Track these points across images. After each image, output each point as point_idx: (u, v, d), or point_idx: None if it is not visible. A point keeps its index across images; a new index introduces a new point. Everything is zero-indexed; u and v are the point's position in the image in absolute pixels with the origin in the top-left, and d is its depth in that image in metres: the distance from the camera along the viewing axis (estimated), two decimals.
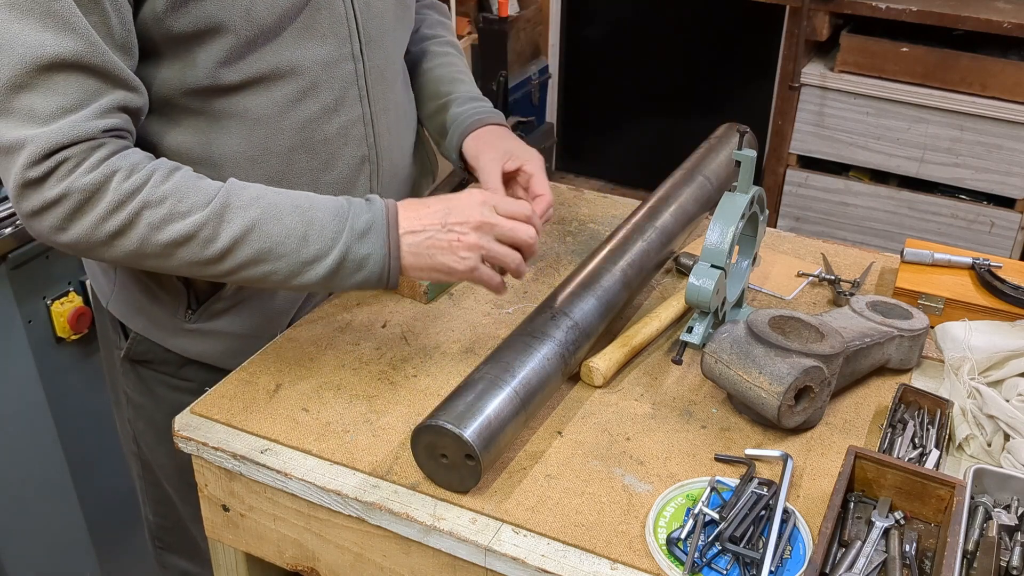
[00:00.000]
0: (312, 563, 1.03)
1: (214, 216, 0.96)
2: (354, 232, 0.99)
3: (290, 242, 0.98)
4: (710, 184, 1.32)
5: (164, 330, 1.21)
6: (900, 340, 1.09)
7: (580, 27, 3.79)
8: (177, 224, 0.95)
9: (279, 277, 0.99)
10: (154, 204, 0.95)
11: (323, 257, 0.99)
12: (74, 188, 0.93)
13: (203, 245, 0.96)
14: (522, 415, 0.97)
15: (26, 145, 0.91)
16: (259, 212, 0.98)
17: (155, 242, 0.96)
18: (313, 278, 1.00)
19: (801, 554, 0.86)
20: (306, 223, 0.99)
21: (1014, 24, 2.51)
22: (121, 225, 0.94)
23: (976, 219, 2.76)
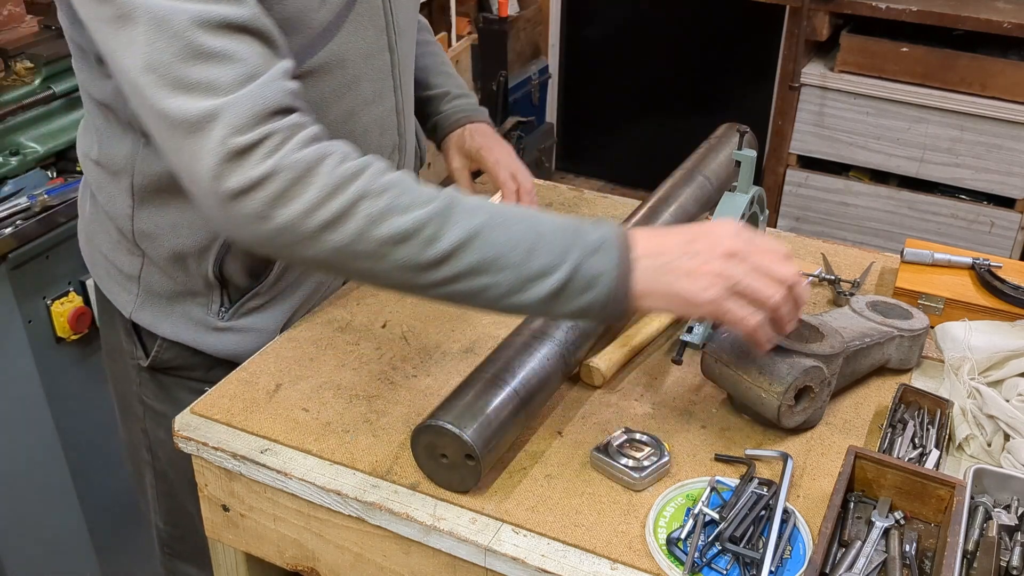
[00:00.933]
0: (312, 563, 1.03)
1: (438, 215, 0.85)
2: (586, 247, 0.86)
3: (516, 253, 0.86)
4: (710, 184, 1.32)
5: (196, 330, 1.19)
6: (900, 340, 1.09)
7: (580, 27, 3.79)
8: (398, 218, 0.84)
9: (496, 293, 0.87)
10: (374, 194, 0.84)
11: (550, 272, 0.86)
12: (284, 165, 0.82)
13: (424, 245, 0.85)
14: (522, 415, 0.97)
15: (221, 114, 0.82)
16: (485, 218, 0.87)
17: (372, 237, 0.84)
18: (534, 297, 0.87)
19: (801, 554, 0.86)
20: (535, 234, 0.87)
21: (1014, 24, 2.51)
22: (336, 214, 0.83)
23: (976, 219, 2.76)
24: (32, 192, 1.68)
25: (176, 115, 0.83)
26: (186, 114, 0.83)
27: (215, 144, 0.82)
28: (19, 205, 1.65)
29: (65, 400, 1.79)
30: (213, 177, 0.83)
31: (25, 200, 1.66)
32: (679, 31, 3.65)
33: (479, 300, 0.89)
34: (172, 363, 1.23)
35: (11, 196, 1.66)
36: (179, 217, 1.11)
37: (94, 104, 1.10)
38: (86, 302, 1.77)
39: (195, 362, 1.22)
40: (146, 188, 1.10)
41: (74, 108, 1.85)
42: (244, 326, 1.19)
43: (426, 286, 0.88)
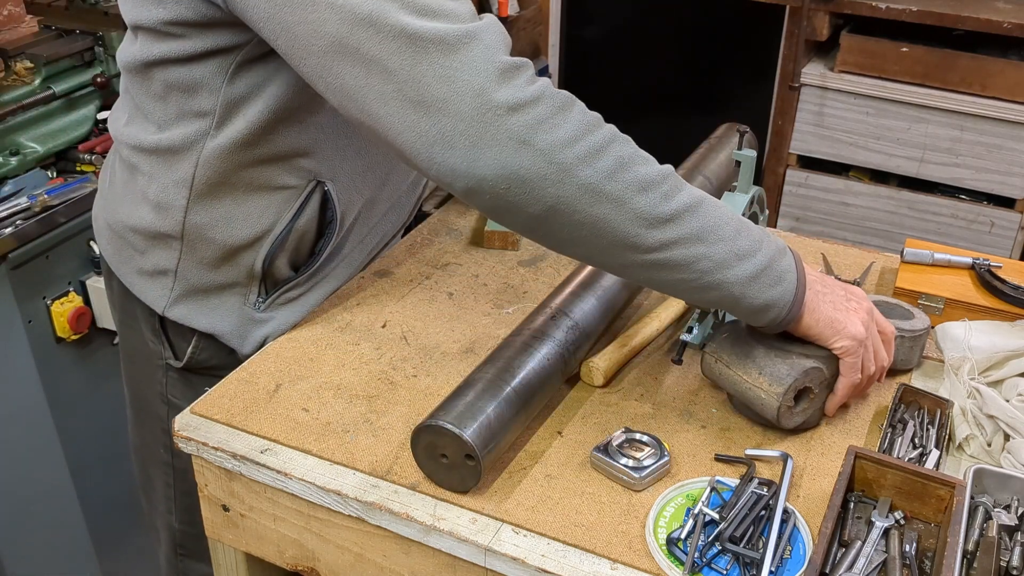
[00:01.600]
0: (312, 563, 1.03)
1: (672, 175, 0.90)
2: (775, 245, 0.95)
3: (728, 229, 0.91)
4: (710, 184, 1.32)
5: (231, 322, 1.18)
6: (901, 340, 1.09)
7: (580, 27, 3.79)
8: (644, 167, 0.88)
9: (709, 264, 0.90)
10: (622, 140, 0.88)
11: (753, 254, 0.92)
12: (549, 93, 0.84)
13: (663, 198, 0.87)
14: (522, 415, 0.97)
15: (479, 35, 0.83)
16: (702, 193, 0.92)
17: (621, 179, 0.85)
18: (740, 274, 0.91)
19: (801, 554, 0.86)
20: (738, 219, 0.93)
21: (1014, 24, 2.51)
22: (593, 148, 0.85)
23: (976, 219, 2.75)
24: (32, 192, 1.68)
25: (431, 34, 0.82)
26: (443, 33, 0.82)
27: (481, 61, 0.81)
28: (19, 205, 1.65)
29: (65, 400, 1.79)
30: (479, 92, 0.81)
31: (25, 200, 1.66)
32: (679, 31, 3.65)
33: (686, 273, 0.90)
34: (209, 362, 1.23)
35: (11, 196, 1.66)
36: (234, 209, 1.11)
37: (164, 87, 1.07)
38: (86, 302, 1.77)
39: (231, 360, 1.21)
40: (207, 179, 1.09)
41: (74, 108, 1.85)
42: (278, 317, 1.19)
43: (647, 247, 0.88)
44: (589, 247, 0.90)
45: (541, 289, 1.27)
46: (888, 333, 1.03)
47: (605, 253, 0.90)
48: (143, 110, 1.11)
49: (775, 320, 0.95)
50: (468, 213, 1.49)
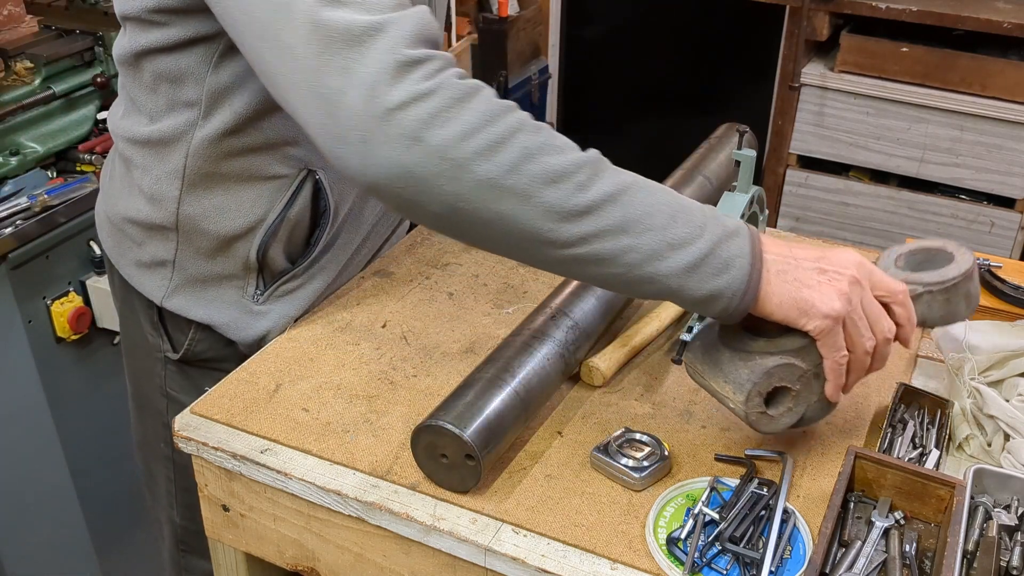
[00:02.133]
0: (312, 563, 1.03)
1: (590, 163, 0.83)
2: (723, 228, 0.85)
3: (659, 217, 0.83)
4: (710, 184, 1.32)
5: (229, 314, 1.19)
6: (930, 297, 0.92)
7: (580, 27, 3.79)
8: (553, 157, 0.81)
9: (636, 257, 0.83)
10: (530, 129, 0.81)
11: (690, 243, 0.83)
12: (447, 84, 0.79)
13: (575, 190, 0.81)
14: (522, 415, 0.97)
15: (387, 27, 0.79)
16: (631, 178, 0.85)
17: (525, 171, 0.80)
18: (674, 266, 0.83)
19: (801, 554, 0.86)
20: (677, 203, 0.85)
21: (1014, 24, 2.51)
22: (493, 141, 0.79)
23: (976, 219, 2.76)
24: (32, 192, 1.68)
25: (337, 24, 0.79)
26: (349, 24, 0.79)
27: (381, 54, 0.78)
28: (19, 205, 1.65)
29: (65, 400, 1.79)
30: (372, 87, 0.78)
31: (25, 200, 1.66)
32: (679, 31, 3.65)
33: (614, 266, 0.84)
34: (205, 354, 1.23)
35: (11, 196, 1.66)
36: (227, 199, 1.12)
37: (153, 78, 1.08)
38: (86, 302, 1.77)
39: (228, 353, 1.22)
40: (198, 170, 1.10)
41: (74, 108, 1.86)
42: (276, 310, 1.20)
43: (563, 242, 0.82)
44: (502, 244, 0.86)
45: (541, 289, 1.27)
46: (894, 294, 0.89)
47: (520, 250, 0.86)
48: (136, 103, 1.13)
49: (726, 310, 0.86)
50: None
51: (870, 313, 0.88)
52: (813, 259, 0.87)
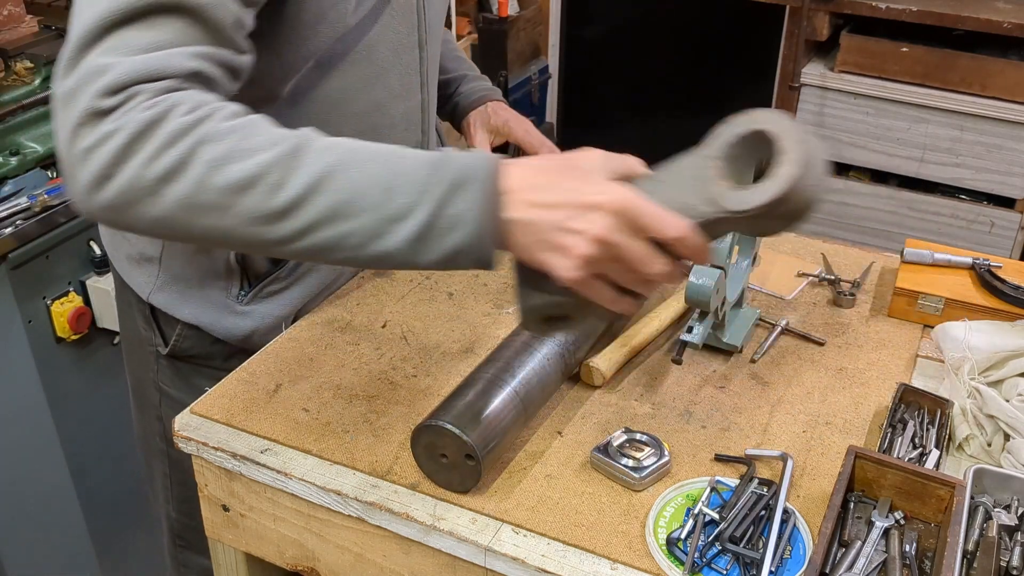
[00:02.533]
0: (312, 563, 1.03)
1: (284, 157, 0.79)
2: (448, 184, 0.79)
3: (372, 193, 0.79)
4: None
5: (213, 314, 1.20)
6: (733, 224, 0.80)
7: (580, 27, 3.79)
8: (240, 163, 0.78)
9: (356, 240, 0.80)
10: (214, 139, 0.79)
11: (411, 212, 0.79)
12: (124, 124, 0.78)
13: (269, 192, 0.78)
14: (522, 415, 0.97)
15: (107, 72, 0.79)
16: (337, 157, 0.80)
17: (212, 186, 0.78)
18: (399, 240, 0.79)
19: (801, 554, 0.86)
20: (392, 171, 0.80)
21: (1014, 24, 2.51)
22: (175, 162, 0.78)
23: (976, 219, 2.75)
24: (32, 192, 1.68)
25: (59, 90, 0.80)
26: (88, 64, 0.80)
27: (87, 98, 0.79)
28: (19, 205, 1.65)
29: (65, 400, 1.79)
30: (72, 134, 0.79)
31: (25, 200, 1.66)
32: (679, 31, 3.65)
33: (339, 253, 0.81)
34: (191, 351, 1.24)
35: (11, 196, 1.66)
36: None
37: None
38: (86, 302, 1.77)
39: (214, 350, 1.23)
40: None
41: None
42: (261, 311, 1.20)
43: (282, 241, 0.80)
44: (229, 246, 0.88)
45: None
46: (667, 237, 0.79)
47: (250, 249, 0.86)
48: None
49: (477, 263, 0.81)
50: None
51: (631, 261, 0.79)
52: (562, 216, 0.79)
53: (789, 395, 1.08)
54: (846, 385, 1.10)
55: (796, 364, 1.14)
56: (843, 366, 1.14)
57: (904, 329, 1.21)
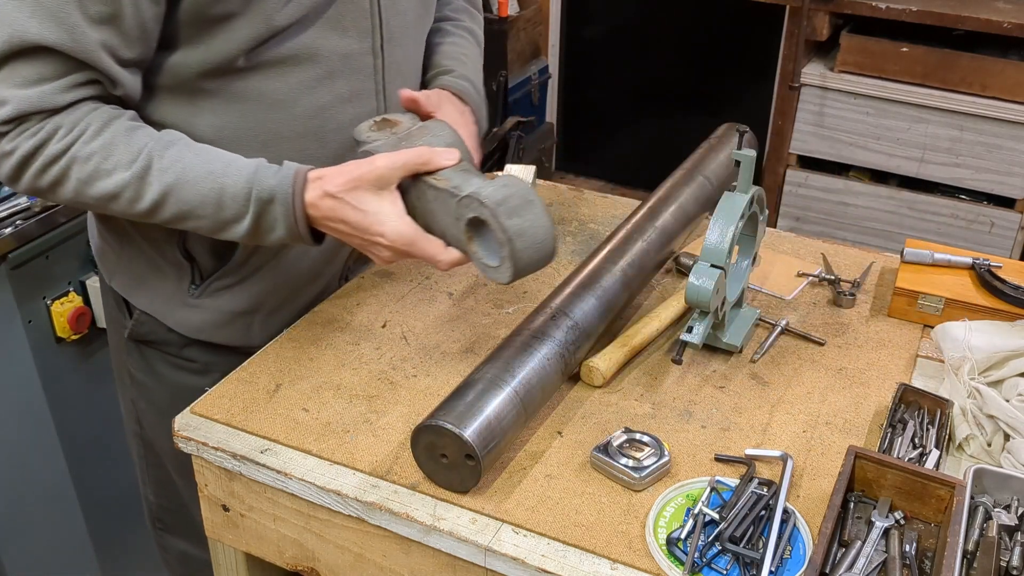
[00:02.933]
0: (312, 563, 1.03)
1: (135, 179, 1.02)
2: (260, 200, 1.03)
3: (207, 206, 1.03)
4: (710, 184, 1.32)
5: (167, 305, 1.23)
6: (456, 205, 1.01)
7: (580, 27, 3.79)
8: (103, 182, 1.02)
9: (206, 231, 1.06)
10: (82, 161, 1.02)
11: (240, 219, 1.04)
12: (17, 147, 1.01)
13: (130, 203, 1.03)
14: (522, 415, 0.97)
15: (6, 103, 0.99)
16: (175, 177, 1.03)
17: (88, 195, 1.03)
18: (238, 234, 1.05)
19: (801, 554, 0.86)
20: (218, 190, 1.03)
21: (1014, 24, 2.51)
22: (55, 179, 1.03)
23: (976, 219, 2.75)
24: None
25: None
26: None
27: None
28: (19, 205, 1.65)
29: (65, 400, 1.79)
30: None
31: (25, 200, 1.66)
32: (679, 31, 3.65)
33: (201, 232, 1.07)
34: (149, 336, 1.27)
35: (11, 196, 1.66)
36: None
37: None
38: (86, 302, 1.77)
39: (169, 338, 1.26)
40: None
41: None
42: (212, 305, 1.22)
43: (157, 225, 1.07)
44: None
45: (541, 289, 1.27)
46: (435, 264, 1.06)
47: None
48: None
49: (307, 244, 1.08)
50: None
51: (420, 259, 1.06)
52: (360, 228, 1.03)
53: (789, 395, 1.08)
54: (846, 385, 1.10)
55: (796, 364, 1.14)
56: (843, 366, 1.14)
57: (904, 329, 1.21)
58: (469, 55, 1.38)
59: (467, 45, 1.39)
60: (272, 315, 1.26)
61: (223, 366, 1.23)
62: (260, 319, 1.25)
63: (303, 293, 1.27)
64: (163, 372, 1.29)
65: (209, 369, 1.26)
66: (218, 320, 1.24)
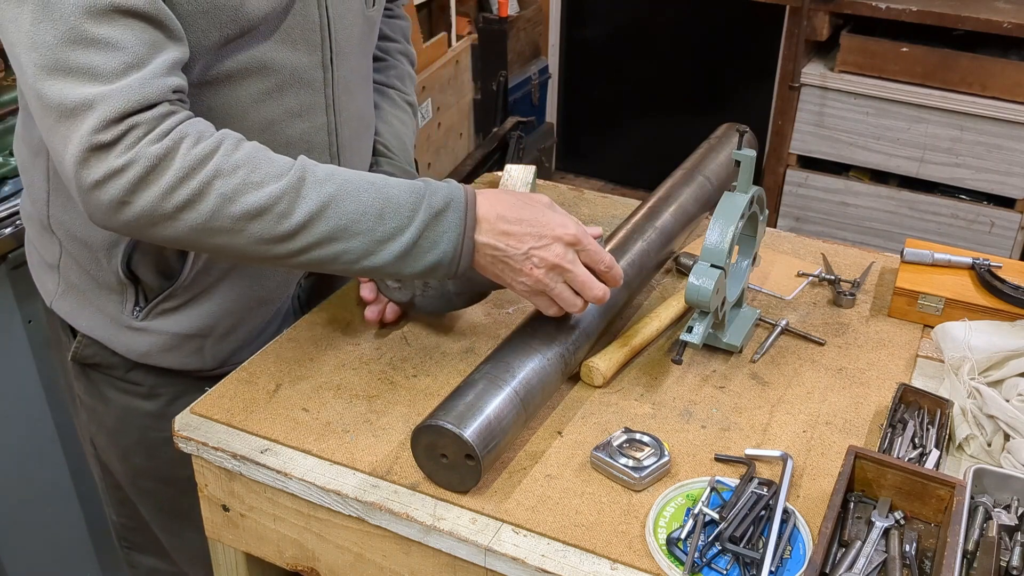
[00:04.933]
0: (312, 563, 1.03)
1: (291, 189, 0.91)
2: (434, 209, 0.95)
3: (367, 219, 0.94)
4: (710, 184, 1.32)
5: (109, 328, 1.16)
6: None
7: (580, 27, 3.79)
8: (251, 195, 0.90)
9: (351, 257, 0.95)
10: (226, 173, 0.89)
11: (399, 234, 0.95)
12: (141, 155, 0.86)
13: (278, 219, 0.91)
14: (522, 415, 0.97)
15: (95, 106, 0.84)
16: (335, 187, 0.93)
17: (227, 214, 0.90)
18: (387, 257, 0.95)
19: (801, 554, 0.86)
20: (383, 199, 0.94)
21: (1014, 24, 2.51)
22: (192, 195, 0.88)
23: (976, 219, 2.76)
24: None
25: (53, 99, 0.85)
26: (63, 99, 0.85)
27: (84, 134, 0.85)
28: (19, 205, 1.65)
29: (65, 400, 1.79)
30: (77, 164, 0.87)
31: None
32: (679, 31, 3.65)
33: (335, 265, 0.95)
34: (94, 359, 1.20)
35: (11, 196, 1.66)
36: None
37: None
38: None
39: (114, 361, 1.19)
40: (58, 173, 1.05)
41: None
42: (158, 328, 1.15)
43: (284, 256, 0.94)
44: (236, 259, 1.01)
45: None
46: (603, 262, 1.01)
47: (255, 262, 0.99)
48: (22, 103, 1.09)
49: (447, 274, 0.99)
50: None
51: (576, 285, 1.01)
52: (526, 244, 0.98)
53: (789, 395, 1.08)
54: (846, 385, 1.10)
55: (796, 364, 1.14)
56: (843, 366, 1.14)
57: (904, 329, 1.21)
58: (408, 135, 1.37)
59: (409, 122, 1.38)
60: (224, 339, 1.19)
61: (171, 388, 1.19)
62: (211, 343, 1.18)
63: (255, 315, 1.20)
64: (110, 396, 1.22)
65: (156, 392, 1.21)
66: (165, 343, 1.16)
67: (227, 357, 1.19)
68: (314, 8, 1.07)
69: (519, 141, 3.24)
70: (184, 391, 1.17)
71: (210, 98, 1.03)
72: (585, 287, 1.01)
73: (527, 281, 0.99)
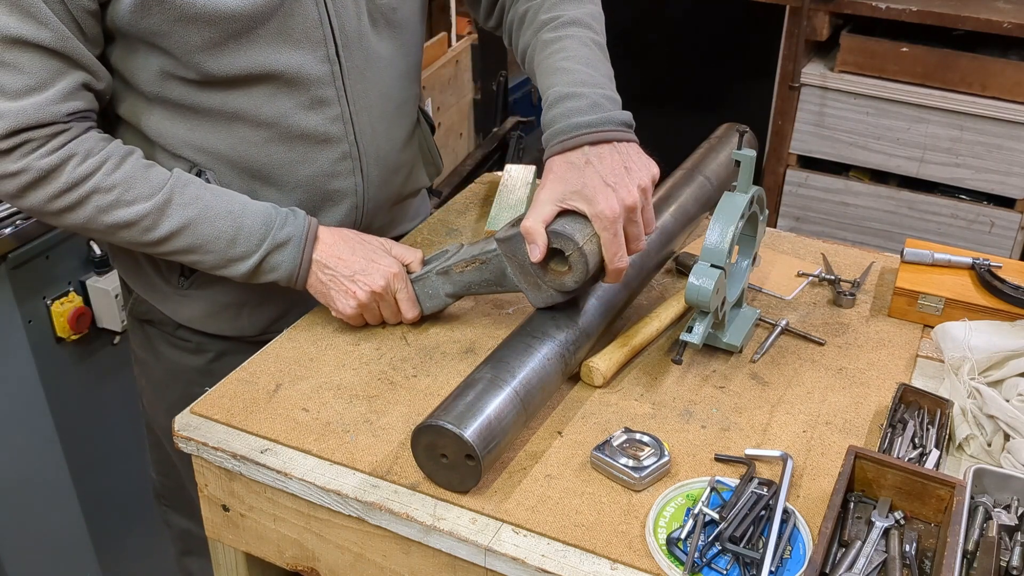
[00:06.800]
0: (312, 563, 1.03)
1: (156, 209, 1.09)
2: (275, 242, 1.13)
3: (219, 243, 1.12)
4: (710, 184, 1.32)
5: (158, 293, 1.27)
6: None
7: None
8: (122, 211, 1.08)
9: (205, 266, 1.14)
10: (104, 191, 1.07)
11: (246, 258, 1.13)
12: (31, 167, 1.04)
13: (144, 231, 1.10)
14: (522, 415, 0.97)
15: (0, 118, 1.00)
16: (196, 212, 1.10)
17: (101, 222, 1.08)
18: (234, 273, 1.14)
19: (801, 554, 0.86)
20: (236, 228, 1.12)
21: (1014, 24, 2.51)
22: (72, 203, 1.07)
23: (976, 219, 2.75)
24: None
25: None
26: None
27: None
28: None
29: (65, 400, 1.79)
30: None
31: None
32: (679, 31, 3.65)
33: (199, 267, 1.15)
34: (147, 315, 1.31)
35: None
36: None
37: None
38: (86, 302, 1.77)
39: (164, 317, 1.30)
40: None
41: None
42: (203, 296, 1.26)
43: (154, 253, 1.14)
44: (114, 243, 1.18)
45: None
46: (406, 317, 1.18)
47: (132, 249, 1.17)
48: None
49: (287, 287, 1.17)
50: (467, 213, 1.49)
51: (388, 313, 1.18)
52: (352, 270, 1.15)
53: (789, 395, 1.08)
54: (846, 385, 1.10)
55: (796, 364, 1.14)
56: (843, 366, 1.14)
57: (904, 329, 1.21)
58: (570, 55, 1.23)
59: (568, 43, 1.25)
60: (260, 307, 1.29)
61: (217, 346, 1.30)
62: (248, 311, 1.29)
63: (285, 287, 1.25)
64: (160, 349, 1.33)
65: (203, 348, 1.31)
66: (208, 310, 1.27)
67: (267, 325, 1.30)
68: (312, 6, 1.09)
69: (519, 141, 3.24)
70: (228, 350, 1.30)
71: (220, 97, 1.11)
72: (397, 318, 1.18)
73: (351, 302, 1.15)
